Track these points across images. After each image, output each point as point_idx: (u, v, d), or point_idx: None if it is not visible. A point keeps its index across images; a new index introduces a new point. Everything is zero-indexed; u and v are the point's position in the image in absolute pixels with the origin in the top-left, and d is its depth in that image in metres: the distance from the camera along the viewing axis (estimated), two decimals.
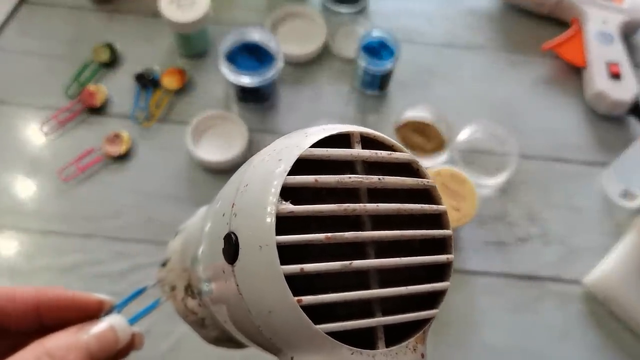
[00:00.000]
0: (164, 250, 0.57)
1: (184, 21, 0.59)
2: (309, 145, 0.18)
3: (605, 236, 0.58)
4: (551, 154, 0.63)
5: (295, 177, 0.17)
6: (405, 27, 0.70)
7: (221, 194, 0.22)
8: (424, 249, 0.19)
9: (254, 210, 0.17)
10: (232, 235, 0.18)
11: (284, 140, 0.19)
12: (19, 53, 0.65)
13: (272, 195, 0.17)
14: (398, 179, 0.18)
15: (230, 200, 0.18)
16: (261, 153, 0.19)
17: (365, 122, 0.63)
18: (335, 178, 0.17)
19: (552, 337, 0.54)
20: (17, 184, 0.58)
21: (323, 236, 0.17)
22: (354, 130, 0.19)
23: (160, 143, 0.61)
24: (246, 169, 0.19)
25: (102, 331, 0.24)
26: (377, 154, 0.18)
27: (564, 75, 0.68)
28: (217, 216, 0.20)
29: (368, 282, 0.18)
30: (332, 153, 0.18)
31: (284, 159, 0.17)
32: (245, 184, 0.18)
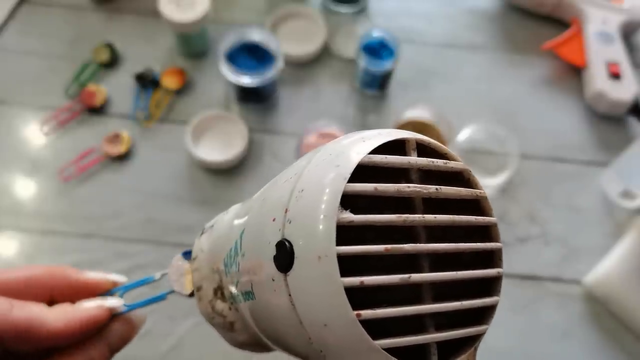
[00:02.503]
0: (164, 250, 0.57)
1: (184, 21, 0.59)
2: (367, 152, 0.17)
3: (605, 236, 0.58)
4: (551, 154, 0.63)
5: (355, 185, 0.17)
6: (405, 27, 0.70)
7: (264, 197, 0.21)
8: (473, 262, 0.19)
9: (312, 218, 0.16)
10: (286, 243, 0.17)
11: (339, 143, 0.19)
12: (19, 53, 0.65)
13: (332, 203, 0.16)
14: (454, 190, 0.18)
15: (283, 204, 0.18)
16: (313, 157, 0.19)
17: (365, 122, 0.63)
18: (395, 187, 0.17)
19: (552, 337, 0.54)
20: (17, 184, 0.58)
21: (382, 248, 0.16)
22: (410, 137, 0.19)
23: (160, 143, 0.61)
24: (299, 172, 0.18)
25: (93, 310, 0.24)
26: (433, 163, 0.18)
27: (564, 75, 0.68)
28: (264, 219, 0.19)
29: (421, 296, 0.17)
30: (390, 160, 0.17)
31: (342, 164, 0.17)
32: (300, 189, 0.17)
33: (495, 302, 0.19)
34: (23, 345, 0.22)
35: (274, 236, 0.18)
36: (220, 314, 0.25)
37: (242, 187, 0.59)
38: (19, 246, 0.55)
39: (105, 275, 0.27)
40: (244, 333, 0.25)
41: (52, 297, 0.25)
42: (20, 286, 0.24)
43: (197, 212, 0.57)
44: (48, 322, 0.22)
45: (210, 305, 0.25)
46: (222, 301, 0.25)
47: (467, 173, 0.19)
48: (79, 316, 0.24)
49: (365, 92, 0.65)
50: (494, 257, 0.20)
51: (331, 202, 0.16)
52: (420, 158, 0.18)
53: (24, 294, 0.24)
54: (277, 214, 0.18)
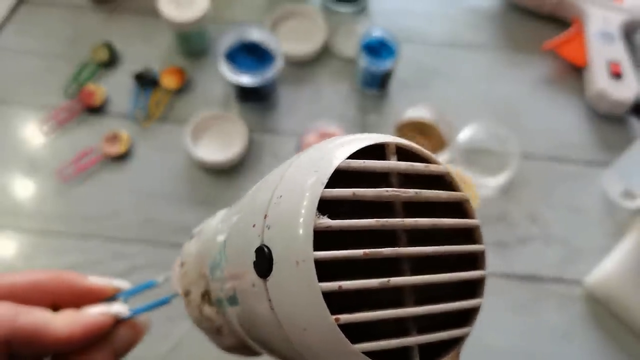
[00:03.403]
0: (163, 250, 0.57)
1: (183, 20, 0.59)
2: (345, 157, 0.17)
3: (606, 236, 0.58)
4: (552, 153, 0.63)
5: (332, 191, 0.17)
6: (405, 27, 0.69)
7: (247, 202, 0.21)
8: (457, 264, 0.19)
9: (289, 224, 0.17)
10: (264, 249, 0.17)
11: (317, 148, 0.19)
12: (17, 52, 0.64)
13: (309, 209, 0.16)
14: (433, 193, 0.18)
15: (262, 210, 0.18)
16: (294, 162, 0.19)
17: (366, 122, 0.63)
18: (373, 192, 0.17)
19: (553, 338, 0.54)
20: (16, 183, 0.58)
21: (361, 252, 0.16)
22: (390, 141, 0.18)
23: (160, 143, 0.60)
24: (278, 178, 0.19)
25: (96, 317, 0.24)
26: (413, 167, 0.18)
27: (565, 75, 0.68)
28: (245, 226, 0.19)
29: (403, 299, 0.17)
30: (369, 165, 0.17)
31: (321, 170, 0.17)
32: (279, 194, 0.18)
33: (479, 305, 0.19)
34: (28, 350, 0.22)
35: (254, 242, 0.18)
36: (208, 319, 0.25)
37: (241, 187, 0.59)
38: (18, 246, 0.55)
39: (109, 280, 0.27)
40: (232, 337, 0.25)
41: (56, 302, 0.25)
42: (25, 291, 0.24)
43: (197, 212, 0.57)
44: (53, 328, 0.23)
45: (199, 310, 0.25)
46: (209, 306, 0.25)
47: (449, 176, 0.19)
48: (84, 322, 0.24)
49: (365, 91, 0.64)
50: (478, 259, 0.19)
51: (309, 207, 0.16)
52: (399, 162, 0.18)
53: (28, 298, 0.24)
54: (257, 219, 0.18)
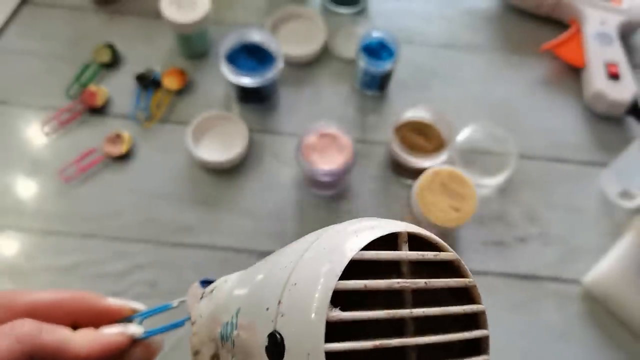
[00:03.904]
0: (164, 250, 0.57)
1: (185, 22, 0.59)
2: (359, 248, 0.18)
3: (604, 236, 0.58)
4: (550, 154, 0.63)
5: (346, 283, 0.17)
6: (404, 28, 0.70)
7: (262, 277, 0.22)
8: (460, 349, 0.20)
9: (303, 315, 0.17)
10: (277, 335, 0.18)
11: (333, 237, 0.20)
12: (20, 54, 0.65)
13: (322, 301, 0.17)
14: (442, 281, 0.19)
15: (276, 296, 0.19)
16: (310, 247, 0.20)
17: (365, 122, 0.64)
18: (385, 283, 0.18)
19: (551, 337, 0.54)
20: (18, 184, 0.58)
21: (370, 344, 0.17)
22: (402, 230, 0.20)
23: (161, 143, 0.61)
24: (294, 261, 0.19)
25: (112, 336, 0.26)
26: (423, 256, 0.19)
27: (563, 76, 0.68)
28: (258, 307, 0.20)
29: None
30: (381, 256, 0.19)
31: (335, 261, 0.18)
32: (293, 281, 0.18)
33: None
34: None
35: (266, 326, 0.19)
36: None
37: (242, 187, 0.59)
38: (20, 246, 0.55)
39: (126, 302, 0.28)
40: None
41: (75, 321, 0.26)
42: (47, 309, 0.25)
43: (198, 212, 0.57)
44: (73, 346, 0.24)
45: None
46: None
47: (457, 262, 0.20)
48: (102, 342, 0.25)
49: (365, 92, 0.65)
50: (481, 343, 0.21)
51: (322, 300, 0.17)
52: (410, 252, 0.19)
53: (50, 316, 0.25)
54: (270, 304, 0.19)
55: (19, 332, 0.22)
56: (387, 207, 0.59)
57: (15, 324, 0.23)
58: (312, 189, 0.59)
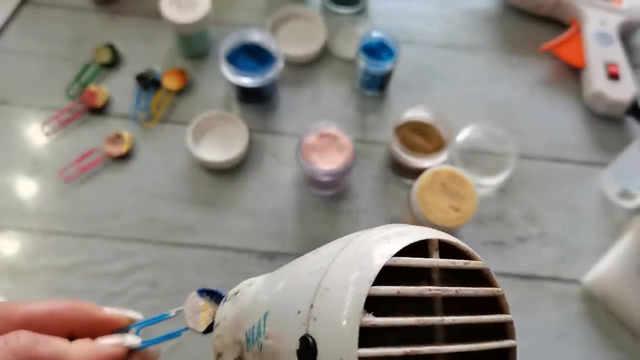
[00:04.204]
0: (164, 250, 0.57)
1: (185, 22, 0.59)
2: (391, 254, 0.18)
3: (603, 236, 0.59)
4: (550, 154, 0.63)
5: (379, 288, 0.18)
6: (404, 28, 0.70)
7: (290, 280, 0.22)
8: (488, 358, 0.20)
9: (335, 319, 0.17)
10: (309, 339, 0.18)
11: (364, 241, 0.20)
12: (20, 54, 0.65)
13: (356, 307, 0.17)
14: (472, 290, 0.20)
15: (308, 300, 0.19)
16: (341, 252, 0.20)
17: (365, 123, 0.64)
18: (416, 289, 0.18)
19: (550, 337, 0.54)
20: (18, 184, 0.58)
21: (402, 351, 0.17)
22: (433, 237, 0.20)
23: (161, 143, 0.61)
24: (326, 265, 0.19)
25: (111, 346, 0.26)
26: (454, 264, 0.20)
27: (563, 76, 0.68)
28: (288, 310, 0.20)
29: None
30: (413, 262, 0.19)
31: (367, 267, 0.18)
32: (326, 286, 0.19)
33: None
34: None
35: (298, 330, 0.19)
36: None
37: (242, 187, 0.59)
38: (20, 246, 0.55)
39: (123, 311, 0.28)
40: None
41: (72, 331, 0.26)
42: (44, 319, 0.25)
43: (198, 212, 0.57)
44: (69, 358, 0.24)
45: None
46: None
47: (487, 271, 0.21)
48: (99, 353, 0.25)
49: (365, 92, 0.65)
50: (509, 353, 0.20)
51: (355, 305, 0.17)
52: (441, 260, 0.19)
53: (47, 327, 0.25)
54: (302, 307, 0.19)
55: (14, 345, 0.22)
56: (387, 207, 0.59)
57: (10, 336, 0.22)
58: (312, 189, 0.59)
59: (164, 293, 0.53)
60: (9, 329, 0.23)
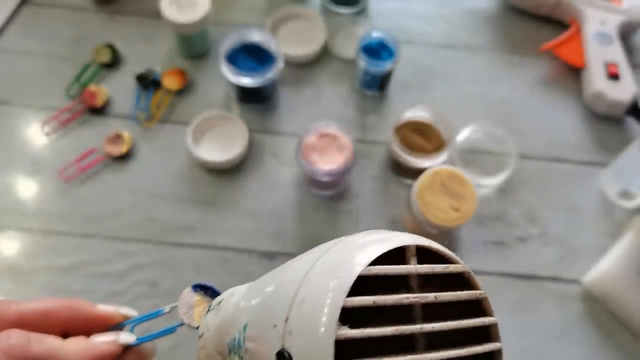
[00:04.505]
0: (164, 250, 0.57)
1: (185, 22, 0.59)
2: (367, 263, 0.18)
3: (603, 236, 0.59)
4: (550, 154, 0.63)
5: (354, 299, 0.17)
6: (404, 28, 0.70)
7: (269, 291, 0.21)
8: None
9: (311, 332, 0.17)
10: (285, 353, 0.18)
11: (340, 251, 0.19)
12: (20, 54, 0.65)
13: (331, 320, 0.17)
14: (452, 295, 0.19)
15: (284, 313, 0.19)
16: (316, 263, 0.19)
17: (365, 123, 0.64)
18: (393, 298, 0.18)
19: (550, 337, 0.54)
20: (18, 184, 0.58)
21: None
22: (410, 243, 0.19)
23: (161, 143, 0.61)
24: (301, 276, 0.19)
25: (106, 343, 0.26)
26: (433, 269, 0.19)
27: (563, 76, 0.68)
28: (266, 324, 0.20)
29: None
30: (389, 271, 0.18)
31: (343, 276, 0.18)
32: (301, 299, 0.18)
33: None
34: None
35: (275, 343, 0.18)
36: None
37: (242, 187, 0.59)
38: (20, 246, 0.55)
39: (117, 308, 0.28)
40: None
41: (66, 329, 0.26)
42: (38, 318, 0.25)
43: (197, 212, 0.57)
44: (64, 356, 0.23)
45: None
46: None
47: (467, 274, 0.20)
48: (94, 351, 0.25)
49: (365, 92, 0.65)
50: (494, 357, 0.20)
51: (330, 317, 0.17)
52: (419, 266, 0.19)
53: (41, 325, 0.25)
54: (278, 321, 0.19)
55: (6, 345, 0.22)
56: (387, 207, 0.59)
57: (2, 335, 0.22)
58: (312, 189, 0.59)
59: (164, 293, 0.53)
60: (2, 328, 0.23)
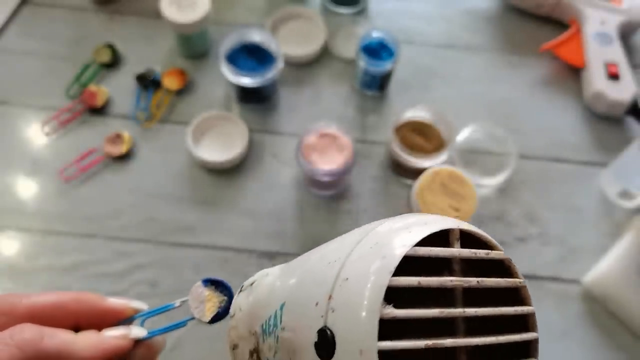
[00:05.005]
0: (164, 250, 0.57)
1: (185, 22, 0.59)
2: (412, 244, 0.18)
3: (603, 236, 0.59)
4: (550, 154, 0.63)
5: (400, 279, 0.17)
6: (404, 28, 0.70)
7: (308, 271, 0.21)
8: (510, 350, 0.19)
9: (355, 311, 0.17)
10: (327, 331, 0.17)
11: (384, 231, 0.19)
12: (20, 54, 0.65)
13: (376, 298, 0.17)
14: (494, 281, 0.19)
15: (326, 290, 0.18)
16: (360, 243, 0.19)
17: (365, 123, 0.64)
18: (438, 280, 0.18)
19: (550, 337, 0.54)
20: (18, 184, 0.58)
21: (423, 344, 0.17)
22: (454, 227, 0.19)
23: (161, 143, 0.61)
24: (344, 255, 0.19)
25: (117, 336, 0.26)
26: (476, 254, 0.19)
27: (563, 76, 0.68)
28: (306, 301, 0.19)
29: None
30: (434, 253, 0.18)
31: (388, 256, 0.17)
32: (345, 276, 0.18)
33: None
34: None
35: (316, 322, 0.18)
36: None
37: (242, 187, 0.59)
38: (20, 246, 0.55)
39: (127, 302, 0.28)
40: None
41: (77, 322, 0.26)
42: (49, 312, 0.25)
43: (198, 212, 0.57)
44: (76, 350, 0.24)
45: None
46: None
47: (508, 262, 0.20)
48: (105, 345, 0.25)
49: (365, 92, 0.65)
50: (530, 345, 0.20)
51: (375, 296, 0.17)
52: (463, 250, 0.19)
53: (52, 319, 0.25)
54: (320, 299, 0.18)
55: (20, 339, 0.22)
56: (387, 207, 0.59)
57: (15, 330, 0.22)
58: (312, 189, 0.59)
59: (164, 293, 0.53)
60: (14, 322, 0.23)
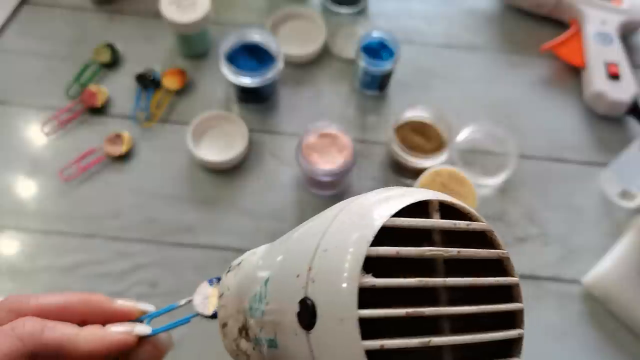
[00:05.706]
0: (164, 250, 0.57)
1: (185, 22, 0.59)
2: (390, 214, 0.18)
3: (604, 236, 0.58)
4: (550, 154, 0.63)
5: (378, 249, 0.17)
6: (405, 28, 0.70)
7: (290, 245, 0.21)
8: (494, 321, 0.19)
9: (334, 280, 0.17)
10: (308, 302, 0.18)
11: (363, 203, 0.19)
12: (20, 54, 0.65)
13: (354, 267, 0.17)
14: (474, 251, 0.19)
15: (306, 262, 0.18)
16: (339, 214, 0.19)
17: (365, 123, 0.64)
18: (417, 250, 0.18)
19: (551, 337, 0.54)
20: (18, 184, 0.58)
21: (404, 312, 0.17)
22: (433, 198, 0.19)
23: (161, 143, 0.61)
24: (323, 228, 0.19)
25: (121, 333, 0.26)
26: (456, 225, 0.19)
27: (563, 76, 0.68)
28: (288, 273, 0.19)
29: (441, 355, 0.18)
30: (413, 223, 0.18)
31: (366, 227, 0.17)
32: (324, 247, 0.18)
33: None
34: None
35: (297, 293, 0.18)
36: (244, 353, 0.25)
37: (242, 187, 0.59)
38: (20, 246, 0.55)
39: (135, 303, 0.28)
40: None
41: (84, 323, 0.26)
42: (56, 312, 0.25)
43: (198, 212, 0.57)
44: (78, 343, 0.24)
45: (235, 344, 0.26)
46: (246, 341, 0.25)
47: (490, 233, 0.20)
48: (108, 339, 0.25)
49: (365, 92, 0.65)
50: (516, 317, 0.20)
51: (354, 265, 0.17)
52: (442, 220, 0.19)
53: (59, 318, 0.25)
54: (300, 270, 0.18)
55: (21, 331, 0.22)
56: None
57: (17, 322, 0.23)
58: (312, 189, 0.59)
59: (164, 293, 0.53)
60: None
